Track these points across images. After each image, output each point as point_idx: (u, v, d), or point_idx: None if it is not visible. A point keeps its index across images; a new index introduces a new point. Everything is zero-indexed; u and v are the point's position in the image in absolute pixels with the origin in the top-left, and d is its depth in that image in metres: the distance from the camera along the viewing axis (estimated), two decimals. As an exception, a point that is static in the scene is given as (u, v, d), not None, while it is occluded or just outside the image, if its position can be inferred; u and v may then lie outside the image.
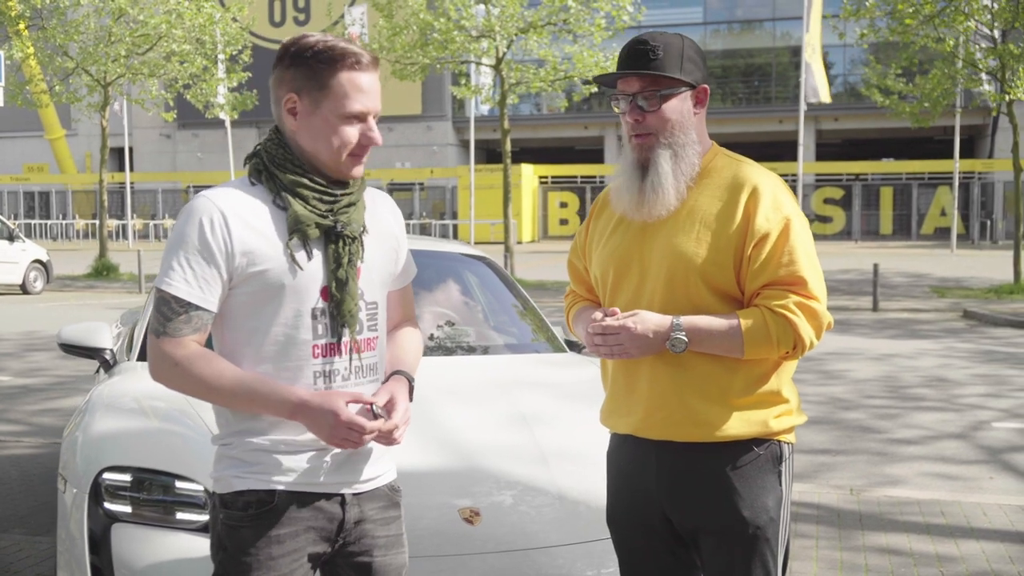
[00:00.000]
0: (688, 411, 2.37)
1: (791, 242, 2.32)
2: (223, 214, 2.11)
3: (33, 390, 9.44)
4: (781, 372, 2.42)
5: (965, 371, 10.49)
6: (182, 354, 2.10)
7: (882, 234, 40.30)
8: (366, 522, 2.26)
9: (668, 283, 2.38)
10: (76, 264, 26.08)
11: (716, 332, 2.31)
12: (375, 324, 2.27)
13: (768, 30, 44.39)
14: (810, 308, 2.31)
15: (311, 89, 2.15)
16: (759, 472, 2.39)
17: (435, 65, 22.15)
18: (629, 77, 2.39)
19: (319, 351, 2.17)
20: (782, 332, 2.29)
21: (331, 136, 2.15)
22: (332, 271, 2.17)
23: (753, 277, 2.33)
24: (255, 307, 2.15)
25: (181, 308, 2.10)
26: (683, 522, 2.44)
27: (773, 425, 2.40)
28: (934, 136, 40.49)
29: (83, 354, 4.29)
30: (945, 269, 24.89)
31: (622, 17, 20.66)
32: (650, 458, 2.45)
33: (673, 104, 2.38)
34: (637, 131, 2.40)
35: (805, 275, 2.32)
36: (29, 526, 5.21)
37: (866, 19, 18.76)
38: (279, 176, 2.17)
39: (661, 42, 2.37)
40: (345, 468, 2.22)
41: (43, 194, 47.62)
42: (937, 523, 5.27)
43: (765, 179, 2.39)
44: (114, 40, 22.68)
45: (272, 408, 2.12)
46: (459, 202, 40.27)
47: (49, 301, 18.92)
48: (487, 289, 5.13)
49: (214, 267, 2.10)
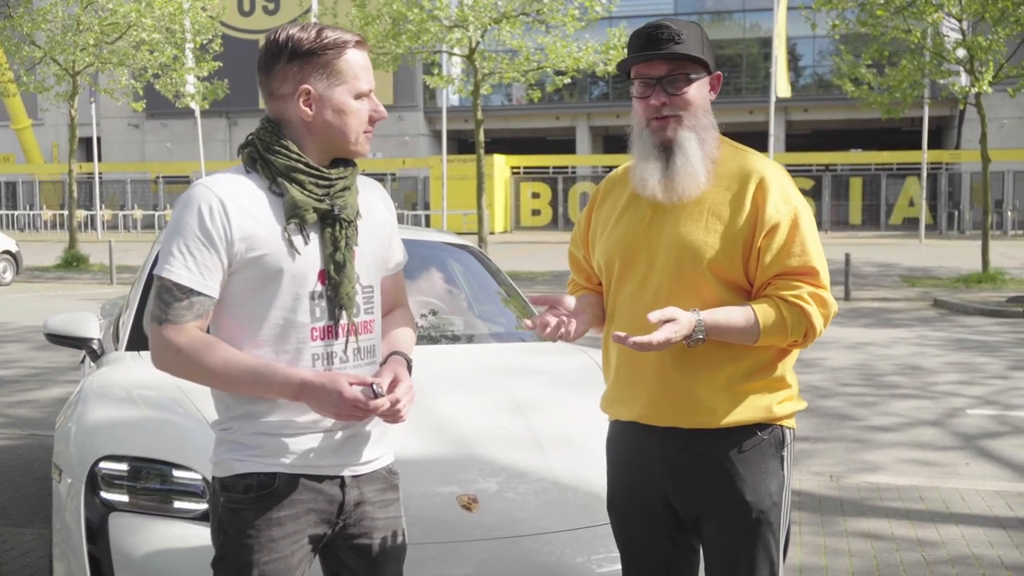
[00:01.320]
0: (694, 398, 2.39)
1: (802, 232, 2.35)
2: (221, 201, 2.13)
3: (8, 382, 9.35)
4: (786, 358, 2.45)
5: (938, 359, 10.62)
6: (185, 340, 2.12)
7: (851, 224, 40.64)
8: (365, 504, 2.29)
9: (676, 272, 2.39)
10: (45, 255, 25.81)
11: (734, 328, 2.32)
12: (371, 307, 2.31)
13: (738, 21, 44.57)
14: (821, 297, 2.35)
15: (324, 76, 2.19)
16: (762, 457, 2.42)
17: (408, 55, 22.10)
18: (655, 61, 2.39)
19: (317, 334, 2.21)
20: (796, 322, 2.32)
21: (349, 117, 2.21)
22: (330, 254, 2.20)
23: (764, 268, 2.35)
24: (254, 292, 2.18)
25: (183, 294, 2.12)
26: (687, 508, 2.46)
27: (776, 410, 2.42)
28: (902, 127, 40.89)
29: (70, 344, 4.27)
30: (914, 259, 25.16)
31: (595, 8, 20.69)
32: (655, 445, 2.46)
33: (696, 87, 2.40)
34: (660, 114, 2.39)
35: (816, 265, 2.35)
36: (11, 518, 5.17)
37: (836, 10, 18.87)
38: (274, 163, 2.19)
39: (683, 27, 2.39)
40: (344, 450, 2.25)
41: (9, 184, 47.04)
42: (917, 508, 5.35)
43: (772, 169, 2.42)
44: (82, 29, 22.42)
45: (276, 390, 2.14)
46: (431, 192, 40.19)
47: (20, 292, 18.71)
48: (472, 277, 5.14)
49: (214, 253, 2.12)
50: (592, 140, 44.70)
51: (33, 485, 5.74)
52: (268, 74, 2.21)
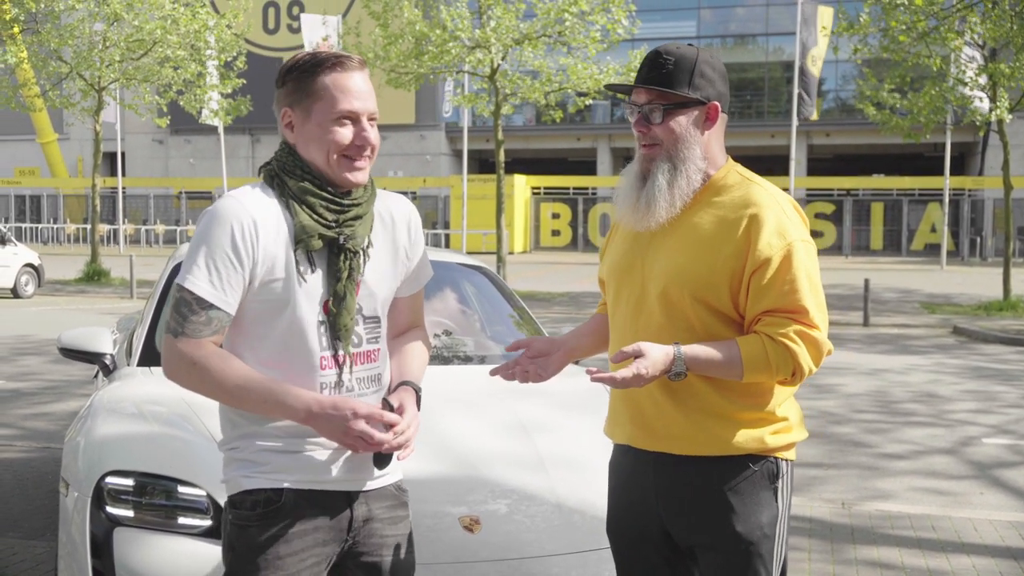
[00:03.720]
0: (685, 424, 2.38)
1: (793, 269, 2.29)
2: (254, 221, 2.14)
3: (25, 394, 9.43)
4: (780, 390, 2.42)
5: (955, 387, 10.55)
6: (200, 355, 2.12)
7: (872, 249, 40.45)
8: (374, 521, 2.28)
9: (664, 298, 2.38)
10: (67, 268, 26.01)
11: (715, 362, 2.30)
12: (375, 338, 2.30)
13: (761, 45, 44.62)
14: (811, 337, 2.29)
15: (300, 99, 2.20)
16: (754, 488, 2.38)
17: (429, 75, 22.20)
18: (639, 88, 2.40)
19: (327, 362, 2.21)
20: (781, 360, 2.28)
21: (323, 139, 2.18)
22: (332, 285, 2.20)
23: (754, 303, 2.32)
24: (265, 315, 2.18)
25: (202, 309, 2.11)
26: (679, 534, 2.45)
27: (770, 441, 2.39)
28: (924, 153, 40.71)
29: (83, 358, 4.31)
30: (935, 285, 25.01)
31: (617, 30, 20.72)
32: (648, 469, 2.46)
33: (679, 119, 2.38)
34: (643, 142, 2.42)
35: (806, 304, 2.29)
36: (23, 530, 5.21)
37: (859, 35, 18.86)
38: (289, 184, 2.20)
39: (676, 55, 2.37)
40: (352, 467, 2.25)
41: (34, 198, 47.49)
42: (928, 537, 5.31)
43: (771, 202, 2.35)
44: (108, 45, 22.67)
45: (286, 412, 2.14)
46: (451, 211, 40.28)
47: (40, 305, 18.87)
48: (484, 298, 5.16)
49: (240, 272, 2.13)
50: (613, 161, 44.74)
51: (46, 498, 5.77)
52: (275, 101, 2.26)
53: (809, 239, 2.38)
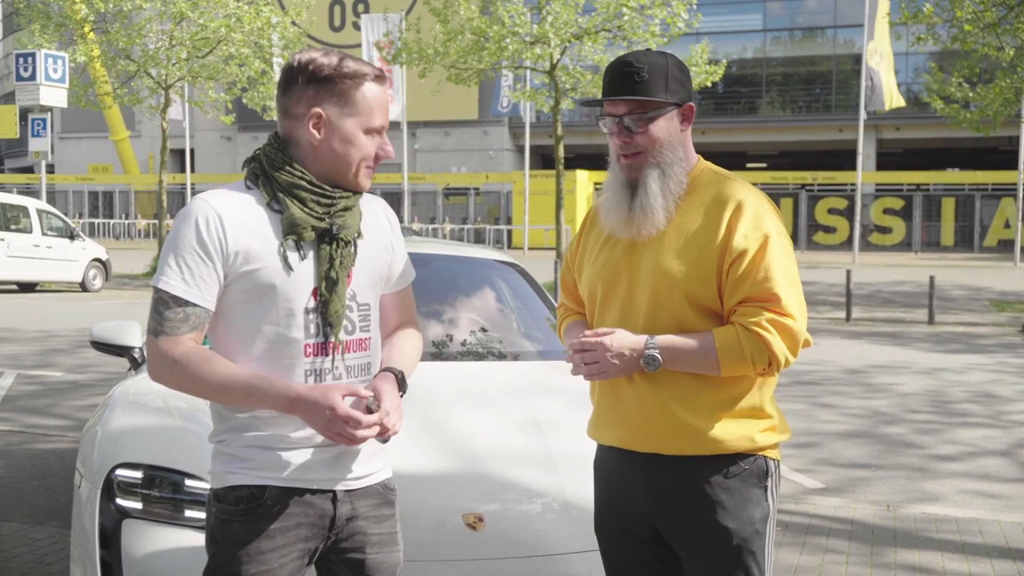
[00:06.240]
0: (674, 424, 2.37)
1: (767, 259, 2.30)
2: (219, 214, 2.17)
3: (81, 386, 9.63)
4: (764, 387, 2.41)
5: (1015, 387, 10.26)
6: (180, 352, 2.15)
7: (943, 246, 39.57)
8: (358, 519, 2.30)
9: (652, 301, 2.38)
10: (136, 263, 26.55)
11: (690, 350, 2.31)
12: (367, 325, 2.33)
13: (829, 37, 43.87)
14: (784, 325, 2.28)
15: (337, 104, 2.22)
16: (745, 486, 2.39)
17: (489, 71, 22.22)
18: (616, 100, 2.40)
19: (311, 350, 2.23)
20: (756, 349, 2.28)
21: (352, 149, 2.24)
22: (324, 272, 2.22)
23: (730, 293, 2.33)
24: (246, 305, 2.21)
25: (178, 306, 2.15)
26: (670, 533, 2.44)
27: (759, 440, 2.39)
28: (998, 147, 39.66)
29: (113, 351, 4.37)
30: (1007, 283, 24.35)
31: (677, 24, 20.53)
32: (637, 470, 2.45)
33: (660, 124, 2.40)
34: (626, 151, 2.42)
35: (779, 292, 2.29)
36: (66, 519, 5.30)
37: (923, 25, 18.43)
38: (277, 178, 2.23)
39: (646, 63, 2.38)
40: (336, 465, 2.26)
41: (107, 194, 48.60)
42: (973, 542, 5.16)
43: (749, 195, 2.38)
44: (175, 43, 23.09)
45: (269, 403, 2.16)
46: (514, 207, 40.32)
47: (107, 299, 19.29)
48: (517, 296, 5.13)
49: (210, 265, 2.16)
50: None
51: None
52: (285, 93, 2.25)
53: (785, 233, 2.39)
